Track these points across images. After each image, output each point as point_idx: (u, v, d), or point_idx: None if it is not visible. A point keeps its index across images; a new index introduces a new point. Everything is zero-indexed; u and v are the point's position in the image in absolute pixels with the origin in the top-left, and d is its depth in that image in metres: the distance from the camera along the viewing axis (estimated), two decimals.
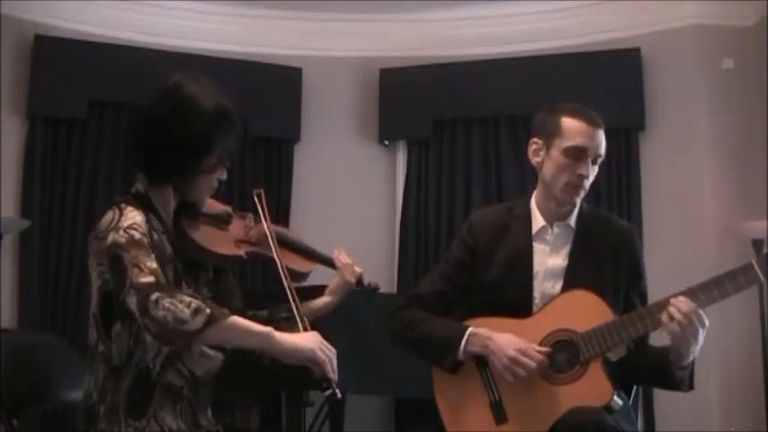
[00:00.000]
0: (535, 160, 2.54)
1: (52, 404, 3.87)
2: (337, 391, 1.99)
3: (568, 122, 2.46)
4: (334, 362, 1.99)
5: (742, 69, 5.04)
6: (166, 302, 1.84)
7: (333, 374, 1.98)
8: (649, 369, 2.44)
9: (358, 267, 2.54)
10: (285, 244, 2.47)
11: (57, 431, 4.67)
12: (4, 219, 4.75)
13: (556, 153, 2.46)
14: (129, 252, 1.92)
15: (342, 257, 2.53)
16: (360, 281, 2.54)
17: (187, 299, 1.87)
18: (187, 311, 1.84)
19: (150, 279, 1.89)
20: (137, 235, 1.95)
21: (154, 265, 1.92)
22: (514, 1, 5.38)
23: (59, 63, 5.08)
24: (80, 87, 5.09)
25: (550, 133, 2.49)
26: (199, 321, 1.84)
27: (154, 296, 1.85)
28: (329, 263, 2.55)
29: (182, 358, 2.00)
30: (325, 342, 2.00)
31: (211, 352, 2.03)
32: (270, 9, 5.49)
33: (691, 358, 2.31)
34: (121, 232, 1.95)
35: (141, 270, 1.90)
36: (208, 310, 1.86)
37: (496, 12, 5.43)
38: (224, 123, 2.09)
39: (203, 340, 1.89)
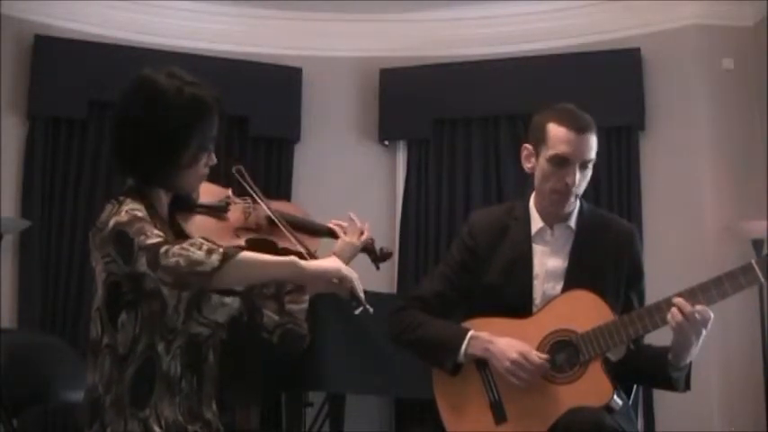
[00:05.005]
0: (527, 166, 2.52)
1: (52, 404, 3.88)
2: (368, 307, 1.97)
3: (553, 129, 2.41)
4: (359, 282, 1.98)
5: (742, 69, 5.05)
6: (176, 250, 1.83)
7: (361, 293, 1.96)
8: (645, 369, 2.44)
9: (367, 232, 2.44)
10: (288, 225, 2.44)
11: (57, 431, 4.68)
12: (4, 219, 4.75)
13: (542, 161, 2.44)
14: (133, 226, 1.90)
15: (344, 222, 2.45)
16: (371, 247, 2.44)
17: (199, 242, 1.85)
18: (200, 253, 1.83)
19: (158, 239, 1.87)
20: (139, 213, 1.94)
21: (159, 232, 1.91)
22: (514, 1, 5.38)
23: (59, 63, 5.08)
24: (80, 87, 5.09)
25: (538, 140, 2.45)
26: (215, 260, 1.82)
27: (163, 249, 1.83)
28: (330, 233, 2.47)
29: (201, 309, 1.93)
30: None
31: (228, 299, 1.95)
32: (270, 9, 5.49)
33: (689, 360, 2.31)
34: (123, 214, 1.93)
35: (147, 236, 1.88)
36: (221, 249, 1.84)
37: (496, 12, 5.44)
38: (195, 114, 2.00)
39: (222, 279, 1.84)
